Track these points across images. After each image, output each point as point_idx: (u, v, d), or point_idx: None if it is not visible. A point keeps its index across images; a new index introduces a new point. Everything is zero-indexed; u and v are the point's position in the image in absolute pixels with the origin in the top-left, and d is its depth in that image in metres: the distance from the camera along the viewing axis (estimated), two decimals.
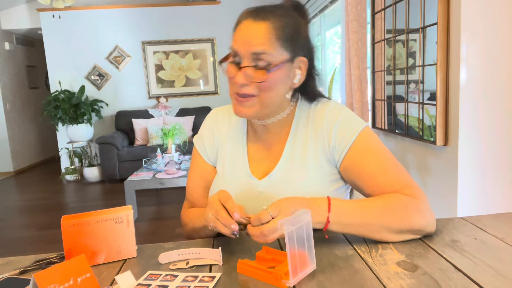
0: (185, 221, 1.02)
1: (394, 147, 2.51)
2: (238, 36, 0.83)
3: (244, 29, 0.82)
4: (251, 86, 0.83)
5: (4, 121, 5.96)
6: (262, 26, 0.81)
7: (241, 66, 0.83)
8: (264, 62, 0.81)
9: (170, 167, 3.46)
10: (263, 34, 0.80)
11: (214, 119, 1.04)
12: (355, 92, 2.93)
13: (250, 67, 0.82)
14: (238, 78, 0.83)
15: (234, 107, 0.88)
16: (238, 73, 0.83)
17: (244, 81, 0.83)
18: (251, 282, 0.67)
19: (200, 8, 5.76)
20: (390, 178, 0.84)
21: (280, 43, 0.82)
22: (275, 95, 0.86)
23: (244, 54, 0.82)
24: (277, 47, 0.82)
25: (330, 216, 0.75)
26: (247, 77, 0.82)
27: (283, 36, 0.82)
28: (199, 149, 1.04)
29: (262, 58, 0.81)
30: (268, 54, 0.81)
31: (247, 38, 0.81)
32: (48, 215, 3.94)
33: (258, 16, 0.82)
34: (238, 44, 0.83)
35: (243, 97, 0.85)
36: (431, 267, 0.67)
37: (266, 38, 0.80)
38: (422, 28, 2.00)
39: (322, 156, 0.91)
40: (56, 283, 0.63)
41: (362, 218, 0.77)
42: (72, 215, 0.79)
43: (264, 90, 0.84)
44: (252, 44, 0.81)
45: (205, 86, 5.94)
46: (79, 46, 5.64)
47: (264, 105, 0.86)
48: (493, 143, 1.81)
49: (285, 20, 0.83)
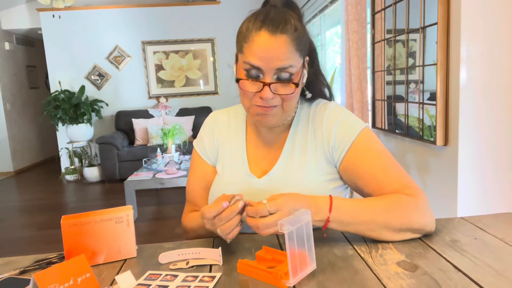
0: (185, 226, 1.02)
1: (394, 147, 2.51)
2: (258, 52, 0.80)
3: (264, 45, 0.80)
4: (276, 99, 0.84)
5: (4, 121, 5.96)
6: (283, 40, 0.80)
7: (267, 82, 0.81)
8: (287, 74, 0.82)
9: (170, 167, 3.46)
10: (287, 49, 0.80)
11: (214, 120, 1.05)
12: (355, 92, 2.93)
13: (276, 83, 0.82)
14: (266, 93, 0.81)
15: (256, 118, 0.88)
16: (265, 89, 0.81)
17: (272, 95, 0.82)
18: (251, 282, 0.67)
19: (200, 8, 5.76)
20: (389, 178, 0.84)
21: (299, 53, 0.83)
22: (295, 101, 0.88)
23: (268, 70, 0.81)
24: (297, 57, 0.83)
25: (331, 216, 0.75)
26: (275, 92, 0.82)
27: (300, 45, 0.83)
28: (199, 151, 1.04)
29: (285, 71, 0.81)
30: (292, 66, 0.81)
31: (269, 55, 0.80)
32: (48, 215, 3.94)
33: (276, 29, 0.80)
34: (260, 60, 0.80)
35: (268, 107, 0.85)
36: (431, 267, 0.67)
37: (289, 52, 0.80)
38: (422, 28, 2.00)
39: (321, 155, 0.91)
40: (56, 283, 0.63)
41: (363, 217, 0.77)
42: (72, 215, 0.79)
43: (288, 100, 0.85)
44: (277, 60, 0.80)
45: (205, 86, 5.94)
46: (79, 46, 5.64)
47: (286, 112, 0.88)
48: (493, 143, 1.81)
49: (299, 29, 0.82)
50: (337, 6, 3.84)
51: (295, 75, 0.83)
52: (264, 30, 0.80)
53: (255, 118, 0.88)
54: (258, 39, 0.80)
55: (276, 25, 0.80)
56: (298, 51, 0.82)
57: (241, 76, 0.84)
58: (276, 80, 0.82)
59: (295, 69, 0.82)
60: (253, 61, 0.81)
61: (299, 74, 0.84)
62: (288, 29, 0.80)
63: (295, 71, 0.82)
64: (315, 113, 0.94)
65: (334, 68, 4.07)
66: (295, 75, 0.83)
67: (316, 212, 0.75)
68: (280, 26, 0.80)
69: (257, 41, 0.80)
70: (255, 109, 0.86)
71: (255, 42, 0.81)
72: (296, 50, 0.81)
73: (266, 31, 0.80)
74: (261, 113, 0.86)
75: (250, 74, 0.83)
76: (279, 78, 0.82)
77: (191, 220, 0.98)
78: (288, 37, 0.80)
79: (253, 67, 0.81)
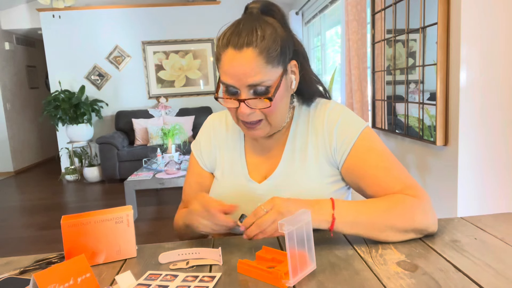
0: (176, 221, 1.00)
1: (394, 147, 2.51)
2: (226, 70, 0.79)
3: (231, 63, 0.78)
4: (256, 113, 0.83)
5: (4, 121, 5.96)
6: (248, 55, 0.77)
7: (241, 99, 0.80)
8: (263, 88, 0.80)
9: (170, 167, 3.46)
10: (253, 63, 0.77)
11: (211, 124, 1.04)
12: (355, 92, 2.93)
13: (251, 99, 0.80)
14: (242, 109, 0.81)
15: (245, 132, 0.89)
16: (241, 105, 0.81)
17: (249, 111, 0.81)
18: (251, 282, 0.67)
19: (200, 8, 5.76)
20: (392, 179, 0.84)
21: (271, 65, 0.78)
22: (280, 112, 0.87)
23: (240, 87, 0.80)
24: (270, 69, 0.79)
25: (335, 214, 0.75)
26: (252, 107, 0.81)
27: (271, 57, 0.78)
28: (195, 155, 1.04)
29: (260, 85, 0.79)
30: (264, 81, 0.79)
31: (237, 72, 0.78)
32: (48, 215, 3.94)
33: (240, 43, 0.77)
34: (230, 78, 0.79)
35: (251, 123, 0.85)
36: (431, 267, 0.67)
37: (258, 66, 0.77)
38: (422, 28, 2.00)
39: (323, 157, 0.90)
40: (56, 283, 0.63)
41: (368, 217, 0.77)
42: (72, 215, 0.79)
43: (270, 113, 0.84)
44: (245, 76, 0.78)
45: (205, 86, 5.94)
46: (79, 46, 5.64)
47: (273, 123, 0.87)
48: (493, 143, 1.81)
49: (267, 38, 0.78)
50: (337, 6, 3.84)
51: (271, 87, 0.80)
52: (230, 47, 0.78)
53: (245, 132, 0.90)
54: (226, 58, 0.79)
55: (241, 39, 0.77)
56: (270, 63, 0.78)
57: (222, 93, 0.84)
58: (252, 95, 0.81)
59: (270, 82, 0.79)
60: (226, 80, 0.80)
61: (276, 86, 0.80)
62: (253, 40, 0.77)
63: (271, 83, 0.80)
64: (315, 114, 0.93)
65: (334, 68, 4.07)
66: (272, 87, 0.80)
67: (319, 212, 0.75)
68: (246, 40, 0.77)
69: (224, 59, 0.79)
70: (242, 124, 0.87)
71: (223, 61, 0.80)
72: (266, 63, 0.77)
73: (231, 48, 0.78)
74: (247, 128, 0.86)
75: (228, 91, 0.82)
76: (256, 92, 0.80)
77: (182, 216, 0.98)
78: (255, 50, 0.77)
79: (228, 85, 0.81)
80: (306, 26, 5.17)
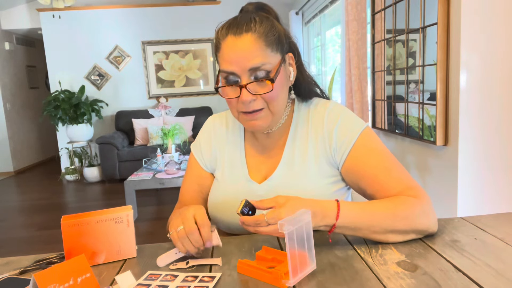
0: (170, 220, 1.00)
1: (394, 147, 2.51)
2: (227, 57, 0.81)
3: (231, 48, 0.80)
4: (258, 101, 0.83)
5: (4, 121, 5.96)
6: (248, 39, 0.79)
7: (242, 84, 0.81)
8: (263, 73, 0.81)
9: (170, 167, 3.46)
10: (253, 46, 0.79)
11: (212, 125, 1.04)
12: (355, 92, 2.93)
13: (253, 83, 0.81)
14: (244, 96, 0.81)
15: (246, 124, 0.88)
16: (243, 92, 0.81)
17: (251, 97, 0.82)
18: (251, 282, 0.67)
19: (200, 8, 5.76)
20: (393, 179, 0.84)
21: (270, 48, 0.81)
22: (281, 100, 0.87)
23: (241, 72, 0.80)
24: (270, 53, 0.81)
25: (337, 223, 0.74)
26: (253, 93, 0.81)
27: (270, 40, 0.81)
28: (196, 155, 1.04)
29: (260, 69, 0.80)
30: (265, 64, 0.80)
31: (238, 56, 0.79)
32: (48, 215, 3.94)
33: (240, 30, 0.80)
34: (231, 64, 0.81)
35: (253, 113, 0.84)
36: (431, 267, 0.67)
37: (258, 49, 0.79)
38: (422, 28, 2.00)
39: (323, 157, 0.90)
40: (56, 283, 0.63)
41: (370, 221, 0.76)
42: (72, 215, 0.79)
43: (271, 100, 0.84)
44: (246, 60, 0.79)
45: (205, 86, 5.94)
46: (79, 46, 5.64)
47: (274, 113, 0.86)
48: (493, 143, 1.81)
49: (264, 24, 0.81)
50: (337, 6, 3.84)
51: (271, 72, 0.81)
52: (229, 35, 0.81)
53: (245, 124, 0.89)
54: (226, 45, 0.81)
55: (240, 26, 0.81)
56: (269, 47, 0.81)
57: (221, 84, 0.85)
58: (253, 80, 0.81)
59: (270, 65, 0.81)
60: (226, 67, 0.81)
61: (276, 71, 0.82)
62: (252, 26, 0.80)
63: (271, 67, 0.81)
64: (314, 114, 0.93)
65: (334, 68, 4.07)
66: (272, 72, 0.81)
67: (323, 219, 0.73)
68: (244, 26, 0.80)
69: (225, 47, 0.82)
70: (242, 116, 0.86)
71: (223, 49, 0.82)
72: (266, 46, 0.80)
73: (231, 35, 0.81)
74: (249, 119, 0.86)
75: (228, 81, 0.83)
76: (256, 77, 0.81)
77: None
78: (254, 34, 0.80)
79: (228, 73, 0.82)
80: (306, 26, 5.17)
